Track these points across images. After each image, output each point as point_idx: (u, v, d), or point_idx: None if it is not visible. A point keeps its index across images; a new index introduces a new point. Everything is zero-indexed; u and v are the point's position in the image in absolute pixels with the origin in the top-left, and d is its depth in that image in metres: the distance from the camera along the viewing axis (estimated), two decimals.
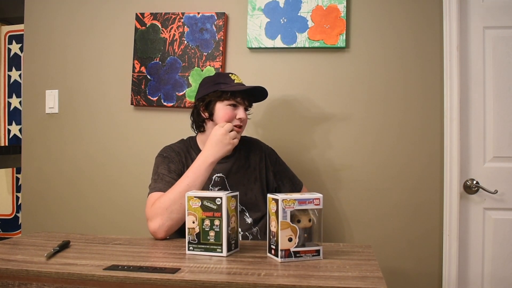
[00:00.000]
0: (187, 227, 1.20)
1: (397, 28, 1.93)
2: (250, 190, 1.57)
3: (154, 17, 2.06)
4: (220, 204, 1.16)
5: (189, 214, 1.19)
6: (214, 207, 1.16)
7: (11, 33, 2.96)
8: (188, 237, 1.20)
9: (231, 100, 1.52)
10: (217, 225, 1.16)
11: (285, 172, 1.72)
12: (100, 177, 2.14)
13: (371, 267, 1.07)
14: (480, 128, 1.90)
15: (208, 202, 1.17)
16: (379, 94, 1.94)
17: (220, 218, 1.16)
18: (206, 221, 1.17)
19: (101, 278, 0.99)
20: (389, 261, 1.90)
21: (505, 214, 1.88)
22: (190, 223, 1.19)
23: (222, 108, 1.52)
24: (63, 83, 2.18)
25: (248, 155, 1.64)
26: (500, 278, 1.87)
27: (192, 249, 1.20)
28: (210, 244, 1.18)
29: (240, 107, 1.54)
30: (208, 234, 1.17)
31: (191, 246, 1.20)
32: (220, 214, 1.16)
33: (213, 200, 1.16)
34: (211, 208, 1.17)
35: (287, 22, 1.96)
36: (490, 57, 1.89)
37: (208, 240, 1.18)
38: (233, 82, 1.54)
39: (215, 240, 1.17)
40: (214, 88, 1.54)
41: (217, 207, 1.16)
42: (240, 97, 1.54)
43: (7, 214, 3.02)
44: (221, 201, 1.15)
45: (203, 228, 1.18)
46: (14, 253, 1.19)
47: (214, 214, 1.17)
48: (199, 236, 1.19)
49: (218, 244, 1.17)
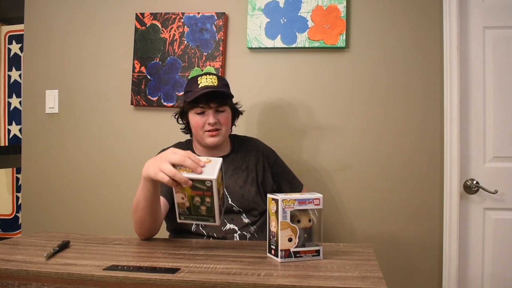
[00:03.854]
0: (176, 202, 1.17)
1: (397, 28, 1.93)
2: (247, 191, 1.55)
3: (154, 17, 2.06)
4: (210, 186, 1.13)
5: (178, 191, 1.15)
6: (204, 187, 1.13)
7: (11, 33, 2.96)
8: (178, 210, 1.18)
9: (196, 108, 1.51)
10: (208, 201, 1.15)
11: (284, 174, 1.71)
12: (100, 177, 2.14)
13: (371, 267, 1.07)
14: (480, 128, 1.90)
15: (198, 183, 1.13)
16: (379, 94, 1.94)
17: (211, 196, 1.13)
18: (196, 198, 1.15)
19: (100, 278, 0.99)
20: (389, 261, 1.90)
21: (505, 214, 1.88)
22: (179, 199, 1.16)
23: (192, 117, 1.53)
24: (63, 83, 2.19)
25: (245, 156, 1.63)
26: (500, 278, 1.87)
27: (183, 219, 1.19)
28: (202, 216, 1.17)
29: (208, 112, 1.51)
30: (199, 208, 1.16)
31: (183, 216, 1.19)
32: (211, 193, 1.13)
33: (202, 182, 1.12)
34: (201, 188, 1.13)
35: (287, 22, 1.96)
36: (490, 57, 1.89)
37: (199, 212, 1.17)
38: (198, 87, 1.49)
39: (207, 213, 1.16)
40: (184, 97, 1.56)
41: (207, 188, 1.13)
42: (204, 102, 1.49)
43: (7, 214, 3.02)
44: (211, 184, 1.12)
45: (193, 203, 1.16)
46: (14, 253, 1.19)
47: (204, 193, 1.14)
48: (190, 209, 1.17)
49: (210, 215, 1.17)
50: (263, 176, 1.62)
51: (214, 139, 1.52)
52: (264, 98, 2.02)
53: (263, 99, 2.02)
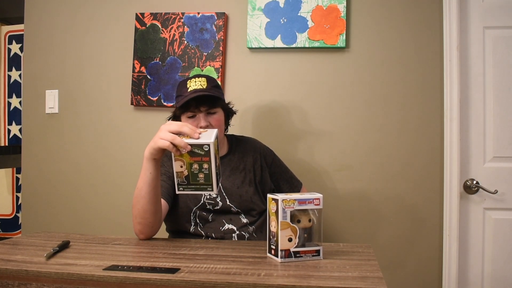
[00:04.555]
0: (175, 171, 1.20)
1: (397, 28, 1.93)
2: (245, 192, 1.55)
3: (154, 17, 2.06)
4: (207, 150, 1.17)
5: (176, 159, 1.19)
6: (202, 153, 1.17)
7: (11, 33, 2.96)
8: (177, 180, 1.20)
9: (187, 112, 1.50)
10: (206, 168, 1.18)
11: (282, 173, 1.70)
12: (100, 177, 2.14)
13: (371, 267, 1.07)
14: (480, 128, 1.90)
15: (196, 149, 1.17)
16: (379, 94, 1.94)
17: (209, 162, 1.17)
18: (195, 165, 1.18)
19: (100, 278, 0.99)
20: (389, 261, 1.90)
21: (505, 214, 1.88)
22: (178, 167, 1.19)
23: (184, 121, 1.52)
24: (63, 83, 2.19)
25: (243, 156, 1.62)
26: (500, 278, 1.87)
27: (182, 189, 1.21)
28: (200, 184, 1.20)
29: (199, 115, 1.50)
30: (197, 176, 1.19)
31: (181, 187, 1.21)
32: (209, 158, 1.17)
33: (200, 147, 1.17)
34: (199, 154, 1.17)
35: (287, 22, 1.96)
36: (490, 57, 1.89)
37: (197, 181, 1.19)
38: (187, 91, 1.48)
39: (205, 181, 1.19)
40: (175, 101, 1.56)
41: (205, 153, 1.17)
42: (193, 106, 1.48)
43: (7, 214, 3.02)
44: (208, 147, 1.16)
45: (191, 171, 1.18)
46: (13, 253, 1.19)
47: (202, 159, 1.17)
48: (188, 178, 1.20)
49: (208, 184, 1.19)
50: (261, 176, 1.62)
51: None
52: (264, 98, 2.02)
53: (263, 98, 2.02)
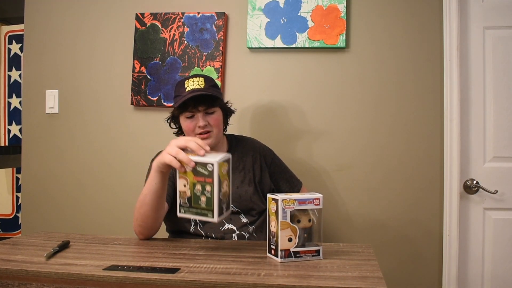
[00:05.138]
0: (178, 190, 1.17)
1: (397, 28, 1.93)
2: (245, 192, 1.55)
3: (154, 17, 2.06)
4: (211, 171, 1.12)
5: (180, 177, 1.16)
6: (205, 172, 1.13)
7: (11, 33, 2.96)
8: (179, 200, 1.18)
9: (186, 112, 1.50)
10: (208, 190, 1.13)
11: (282, 173, 1.70)
12: (100, 177, 2.14)
13: (371, 267, 1.07)
14: (480, 128, 1.90)
15: (200, 167, 1.13)
16: (378, 94, 1.94)
17: (212, 184, 1.12)
18: (198, 185, 1.14)
19: (100, 278, 0.99)
20: (389, 261, 1.90)
21: (505, 214, 1.88)
22: (182, 186, 1.16)
23: (183, 121, 1.53)
24: (63, 83, 2.18)
25: (242, 156, 1.62)
26: (500, 278, 1.87)
27: (183, 211, 1.18)
28: (201, 209, 1.15)
29: (197, 115, 1.50)
30: (199, 198, 1.14)
31: (183, 209, 1.18)
32: (212, 180, 1.12)
33: (204, 166, 1.13)
34: (203, 174, 1.13)
35: (287, 22, 1.96)
36: (490, 57, 1.89)
37: (199, 204, 1.15)
38: (184, 91, 1.48)
39: (206, 205, 1.14)
40: (173, 102, 1.56)
41: (208, 173, 1.12)
42: (191, 106, 1.48)
43: (7, 214, 3.02)
44: (212, 167, 1.11)
45: (194, 192, 1.15)
46: (13, 253, 1.19)
47: (205, 180, 1.13)
48: (190, 200, 1.16)
49: (209, 209, 1.14)
50: (260, 176, 1.62)
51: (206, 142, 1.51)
52: (264, 98, 2.02)
53: (263, 99, 2.02)
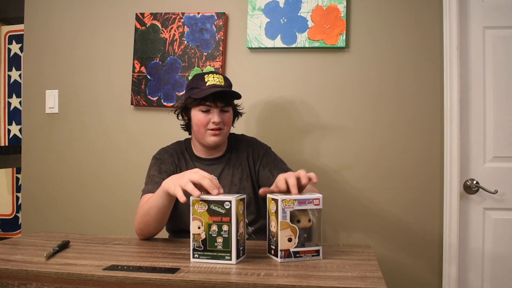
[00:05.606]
0: (192, 233, 1.10)
1: (397, 28, 1.93)
2: (243, 189, 1.55)
3: (154, 17, 2.06)
4: (229, 208, 1.07)
5: (194, 219, 1.10)
6: (222, 211, 1.08)
7: (11, 33, 2.96)
8: (192, 244, 1.11)
9: (202, 106, 1.50)
10: (225, 230, 1.08)
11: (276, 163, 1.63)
12: (100, 177, 2.14)
13: (371, 267, 1.07)
14: (480, 128, 1.90)
15: (216, 206, 1.08)
16: (378, 94, 1.94)
17: (229, 223, 1.07)
18: (213, 226, 1.08)
19: (100, 278, 0.99)
20: (389, 261, 1.90)
21: (505, 214, 1.88)
22: (196, 228, 1.10)
23: (196, 114, 1.52)
24: (63, 83, 2.18)
25: (238, 152, 1.63)
26: (500, 278, 1.87)
27: (197, 256, 1.11)
28: (218, 251, 1.09)
29: (213, 111, 1.50)
30: (215, 240, 1.09)
31: (197, 253, 1.11)
32: (229, 219, 1.07)
33: (221, 204, 1.08)
34: (219, 213, 1.08)
35: (287, 22, 1.96)
36: (490, 57, 1.89)
37: (215, 247, 1.09)
38: (205, 85, 1.48)
39: (223, 247, 1.09)
40: (188, 93, 1.54)
41: (225, 211, 1.07)
42: (211, 101, 1.48)
43: (7, 214, 3.02)
44: (230, 204, 1.07)
45: (209, 234, 1.09)
46: (13, 253, 1.19)
47: (222, 219, 1.08)
48: (205, 243, 1.10)
49: (227, 251, 1.08)
50: (255, 168, 1.61)
51: (216, 138, 1.51)
52: (264, 98, 2.02)
53: (263, 99, 2.02)
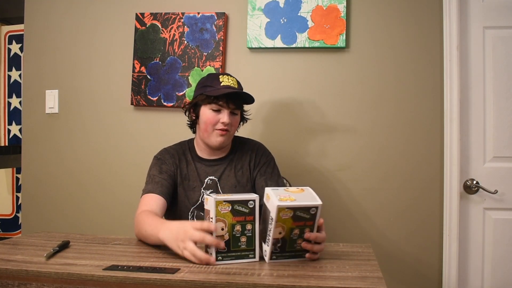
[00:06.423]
0: (216, 235, 1.09)
1: (397, 28, 1.93)
2: (242, 191, 1.56)
3: (154, 17, 2.06)
4: (252, 207, 1.08)
5: (218, 220, 1.08)
6: (246, 210, 1.09)
7: (11, 33, 2.96)
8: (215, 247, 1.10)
9: (213, 104, 1.50)
10: (249, 229, 1.10)
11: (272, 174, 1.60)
12: (100, 177, 2.14)
13: (371, 267, 1.07)
14: (480, 128, 1.90)
15: (240, 206, 1.09)
16: (378, 94, 1.94)
17: (253, 222, 1.09)
18: (237, 226, 1.09)
19: (100, 278, 0.99)
20: (389, 261, 1.90)
21: (505, 214, 1.88)
22: (219, 230, 1.09)
23: (206, 112, 1.51)
24: (63, 83, 2.19)
25: (242, 155, 1.62)
26: (500, 278, 1.87)
27: (221, 258, 1.10)
28: (242, 251, 1.10)
29: (224, 111, 1.50)
30: (239, 240, 1.10)
31: (220, 255, 1.09)
32: (253, 217, 1.09)
33: (245, 203, 1.09)
34: (243, 212, 1.09)
35: (287, 22, 1.96)
36: (490, 57, 1.89)
37: (239, 246, 1.10)
38: (219, 85, 1.49)
39: (247, 246, 1.10)
40: (201, 91, 1.53)
41: (249, 210, 1.09)
42: (224, 101, 1.49)
43: (7, 214, 3.02)
44: (253, 203, 1.08)
45: (233, 234, 1.09)
46: (13, 253, 1.19)
47: (246, 218, 1.09)
48: (228, 244, 1.10)
49: (251, 249, 1.10)
50: (252, 174, 1.61)
51: (222, 139, 1.51)
52: (264, 98, 2.02)
53: (263, 99, 2.02)
